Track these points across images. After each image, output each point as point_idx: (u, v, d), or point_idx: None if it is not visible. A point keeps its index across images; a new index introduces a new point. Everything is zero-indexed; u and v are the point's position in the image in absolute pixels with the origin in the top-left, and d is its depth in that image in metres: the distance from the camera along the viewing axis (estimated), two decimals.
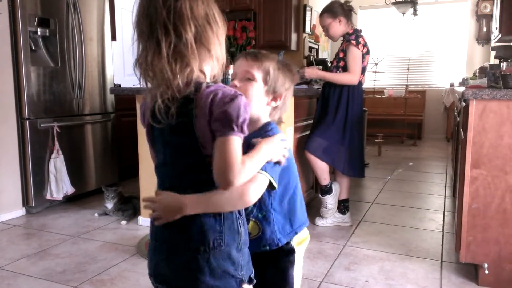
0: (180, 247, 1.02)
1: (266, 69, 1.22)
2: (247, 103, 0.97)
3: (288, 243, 1.27)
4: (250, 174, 0.99)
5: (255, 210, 1.23)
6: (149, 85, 1.00)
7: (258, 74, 1.22)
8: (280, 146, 1.15)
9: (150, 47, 0.97)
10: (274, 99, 1.25)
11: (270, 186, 1.11)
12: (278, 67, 1.25)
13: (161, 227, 1.04)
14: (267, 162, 1.08)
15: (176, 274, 1.04)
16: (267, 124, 1.24)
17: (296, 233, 1.28)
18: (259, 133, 1.18)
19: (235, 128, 0.93)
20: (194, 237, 1.01)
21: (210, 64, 1.02)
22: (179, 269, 1.03)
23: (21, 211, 3.23)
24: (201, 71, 1.00)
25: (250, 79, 1.21)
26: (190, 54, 0.97)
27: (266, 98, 1.24)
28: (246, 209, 1.16)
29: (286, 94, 1.27)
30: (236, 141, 0.94)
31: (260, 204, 1.22)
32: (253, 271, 1.11)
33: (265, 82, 1.22)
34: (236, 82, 1.22)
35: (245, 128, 0.95)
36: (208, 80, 1.02)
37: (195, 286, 1.02)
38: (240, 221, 1.06)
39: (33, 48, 3.21)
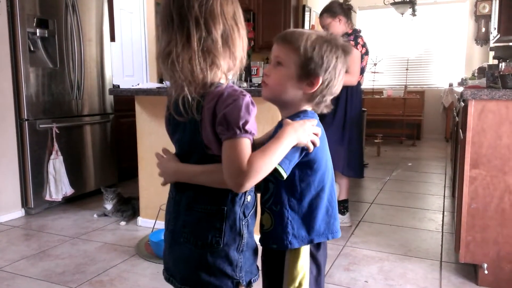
0: (180, 238, 1.04)
1: (297, 50, 1.07)
2: (249, 102, 0.95)
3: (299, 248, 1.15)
4: (264, 170, 0.95)
5: (271, 201, 1.13)
6: (172, 78, 0.99)
7: (288, 57, 1.08)
8: (309, 130, 1.06)
9: (180, 39, 0.96)
10: (310, 84, 1.08)
11: (278, 173, 1.02)
12: (313, 45, 1.07)
13: (172, 217, 1.08)
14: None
15: (174, 263, 1.07)
16: (302, 112, 1.12)
17: (311, 242, 1.13)
18: (292, 120, 1.08)
19: (237, 130, 0.92)
20: (193, 230, 1.02)
21: (229, 64, 1.01)
22: (178, 259, 1.06)
23: (20, 212, 3.23)
24: (223, 71, 1.00)
25: (279, 63, 1.10)
26: (218, 52, 0.97)
27: (300, 83, 1.08)
28: (262, 198, 1.14)
29: (328, 77, 1.08)
30: (240, 144, 0.93)
31: (276, 196, 1.12)
32: (257, 274, 1.11)
33: (297, 65, 1.07)
34: (266, 70, 1.13)
35: (250, 128, 0.94)
36: (223, 80, 1.01)
37: (190, 278, 1.04)
38: (243, 223, 1.04)
39: (32, 49, 3.20)
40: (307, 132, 1.05)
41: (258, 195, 1.15)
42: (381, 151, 5.92)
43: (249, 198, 1.06)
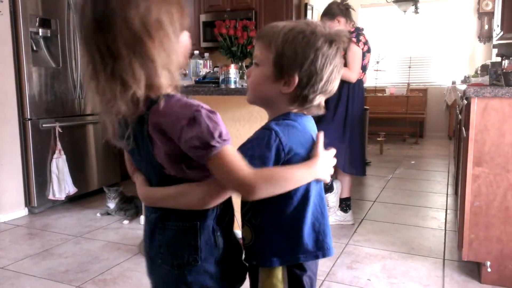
0: (158, 259, 0.99)
1: (270, 46, 0.96)
2: (206, 112, 0.85)
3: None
4: (272, 183, 0.89)
5: (250, 213, 1.01)
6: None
7: (262, 56, 0.98)
8: (330, 163, 1.01)
9: (89, 63, 0.87)
10: (287, 83, 0.95)
11: None
12: (286, 39, 0.94)
13: (147, 238, 1.02)
14: (250, 157, 0.90)
15: (157, 286, 1.04)
16: (283, 115, 0.99)
17: (297, 261, 0.99)
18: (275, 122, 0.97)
19: (216, 144, 0.84)
20: (168, 251, 0.97)
21: (162, 74, 0.87)
22: (160, 281, 1.02)
23: (24, 211, 3.24)
24: (151, 85, 0.87)
25: (256, 63, 1.00)
26: (129, 75, 0.84)
27: (277, 83, 0.97)
28: (241, 210, 1.03)
29: (306, 73, 0.94)
30: (227, 153, 0.85)
31: (255, 208, 1.00)
32: (243, 277, 1.05)
33: (271, 63, 0.96)
34: (247, 71, 1.05)
35: (226, 136, 0.85)
36: (164, 90, 0.88)
37: None
38: (217, 233, 0.97)
39: (35, 48, 3.21)
40: (329, 166, 1.00)
41: (237, 201, 1.02)
42: (383, 149, 5.91)
43: (221, 207, 0.98)
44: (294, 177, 0.93)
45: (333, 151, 1.02)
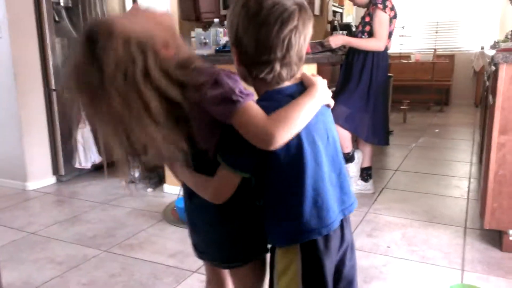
0: (194, 218, 1.15)
1: (227, 26, 0.96)
2: (226, 73, 0.91)
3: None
4: (288, 123, 0.88)
5: (255, 195, 1.02)
6: None
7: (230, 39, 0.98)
8: (326, 88, 0.99)
9: None
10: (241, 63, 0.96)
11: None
12: (229, 12, 0.94)
13: (187, 200, 1.15)
14: (232, 154, 0.93)
15: (198, 242, 1.19)
16: (263, 95, 0.98)
17: (300, 240, 0.97)
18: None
19: (239, 99, 0.88)
20: (202, 211, 1.09)
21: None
22: (200, 238, 1.17)
23: (52, 179, 3.35)
24: None
25: None
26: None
27: (237, 63, 0.97)
28: (251, 194, 1.03)
29: (241, 42, 0.92)
30: (248, 108, 0.88)
31: (258, 189, 1.00)
32: (262, 250, 1.10)
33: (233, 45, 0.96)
34: None
35: (245, 90, 0.90)
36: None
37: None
38: (242, 204, 1.04)
39: (57, 19, 3.24)
40: (326, 89, 1.00)
41: None
42: (407, 117, 5.81)
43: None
44: (304, 109, 0.92)
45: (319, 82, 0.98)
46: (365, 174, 2.96)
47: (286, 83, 0.97)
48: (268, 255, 1.08)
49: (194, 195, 1.05)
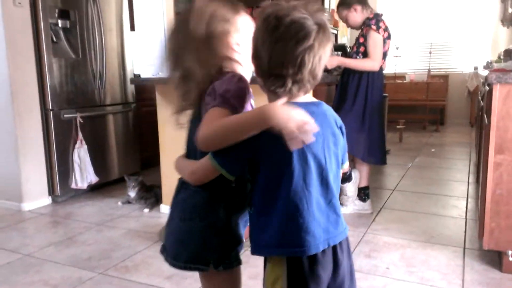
0: (172, 213, 1.19)
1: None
2: (240, 77, 1.03)
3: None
4: (212, 137, 0.93)
5: (249, 202, 1.04)
6: None
7: None
8: (298, 118, 0.89)
9: None
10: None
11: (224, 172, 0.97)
12: (256, 28, 0.98)
13: (174, 196, 1.18)
14: (224, 152, 0.94)
15: (168, 237, 1.27)
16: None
17: (277, 254, 0.97)
18: None
19: (219, 99, 0.97)
20: (179, 207, 1.15)
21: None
22: (170, 233, 1.24)
23: (48, 200, 3.32)
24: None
25: None
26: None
27: (259, 77, 1.02)
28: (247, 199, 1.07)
29: (257, 55, 0.96)
30: (214, 111, 0.96)
31: (252, 197, 1.01)
32: (227, 255, 1.11)
33: None
34: None
35: (230, 98, 0.97)
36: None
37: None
38: (221, 206, 1.10)
39: (55, 39, 3.26)
40: (295, 119, 0.88)
41: None
42: (403, 137, 5.84)
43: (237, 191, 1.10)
44: (238, 122, 0.93)
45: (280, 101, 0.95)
46: (363, 193, 2.96)
47: (300, 99, 0.98)
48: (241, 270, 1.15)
49: (180, 191, 1.12)
